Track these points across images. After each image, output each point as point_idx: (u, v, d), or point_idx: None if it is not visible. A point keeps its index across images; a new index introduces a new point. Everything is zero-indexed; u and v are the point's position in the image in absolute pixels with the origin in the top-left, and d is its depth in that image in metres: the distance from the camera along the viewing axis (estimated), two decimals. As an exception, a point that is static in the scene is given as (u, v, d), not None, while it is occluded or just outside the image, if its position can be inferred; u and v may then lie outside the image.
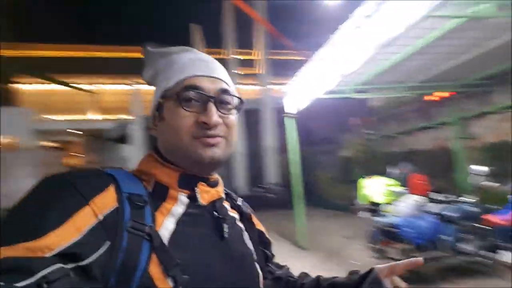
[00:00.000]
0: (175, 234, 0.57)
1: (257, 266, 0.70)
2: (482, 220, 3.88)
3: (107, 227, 0.51)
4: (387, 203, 5.41)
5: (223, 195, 0.71)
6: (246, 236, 0.72)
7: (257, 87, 20.96)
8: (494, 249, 3.59)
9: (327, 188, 14.25)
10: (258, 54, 21.42)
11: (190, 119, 0.61)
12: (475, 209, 4.61)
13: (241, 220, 0.74)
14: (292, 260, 3.61)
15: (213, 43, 22.20)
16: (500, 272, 3.54)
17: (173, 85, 0.63)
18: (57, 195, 0.51)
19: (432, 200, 5.24)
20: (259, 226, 0.80)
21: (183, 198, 0.62)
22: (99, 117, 19.99)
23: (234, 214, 0.73)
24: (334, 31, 4.82)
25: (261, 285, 0.70)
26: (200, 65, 0.65)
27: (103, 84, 20.57)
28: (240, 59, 21.51)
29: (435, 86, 7.62)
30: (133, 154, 16.40)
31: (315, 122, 18.88)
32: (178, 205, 0.61)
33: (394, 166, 7.06)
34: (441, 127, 9.71)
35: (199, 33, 21.76)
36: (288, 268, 0.85)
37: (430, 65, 6.21)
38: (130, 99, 17.23)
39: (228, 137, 0.65)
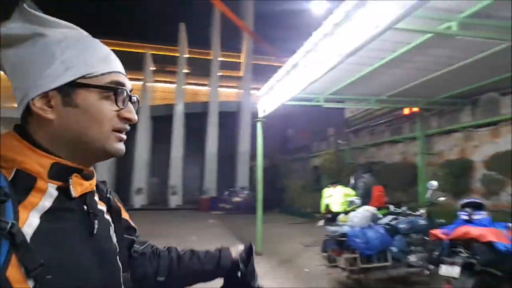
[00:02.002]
0: (39, 231, 0.51)
1: (119, 262, 0.69)
2: (430, 234, 3.92)
3: None
4: (344, 213, 5.40)
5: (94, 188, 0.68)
6: (112, 229, 0.71)
7: (238, 90, 20.84)
8: (438, 262, 3.61)
9: (296, 196, 14.25)
10: (242, 57, 21.36)
11: (112, 113, 0.62)
12: (423, 222, 4.68)
13: (108, 212, 0.72)
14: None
15: (201, 43, 22.12)
16: (441, 285, 3.57)
17: (96, 75, 0.61)
18: None
19: (388, 212, 5.27)
20: (125, 214, 0.81)
21: (52, 190, 0.56)
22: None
23: (102, 206, 0.70)
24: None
25: (121, 280, 0.68)
26: (117, 61, 0.66)
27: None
28: (223, 61, 21.35)
29: (404, 101, 7.75)
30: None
31: (292, 130, 18.95)
32: (46, 198, 0.55)
33: (359, 177, 7.10)
34: (409, 141, 9.93)
35: (184, 31, 21.57)
36: (151, 244, 0.88)
37: (400, 80, 6.28)
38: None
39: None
